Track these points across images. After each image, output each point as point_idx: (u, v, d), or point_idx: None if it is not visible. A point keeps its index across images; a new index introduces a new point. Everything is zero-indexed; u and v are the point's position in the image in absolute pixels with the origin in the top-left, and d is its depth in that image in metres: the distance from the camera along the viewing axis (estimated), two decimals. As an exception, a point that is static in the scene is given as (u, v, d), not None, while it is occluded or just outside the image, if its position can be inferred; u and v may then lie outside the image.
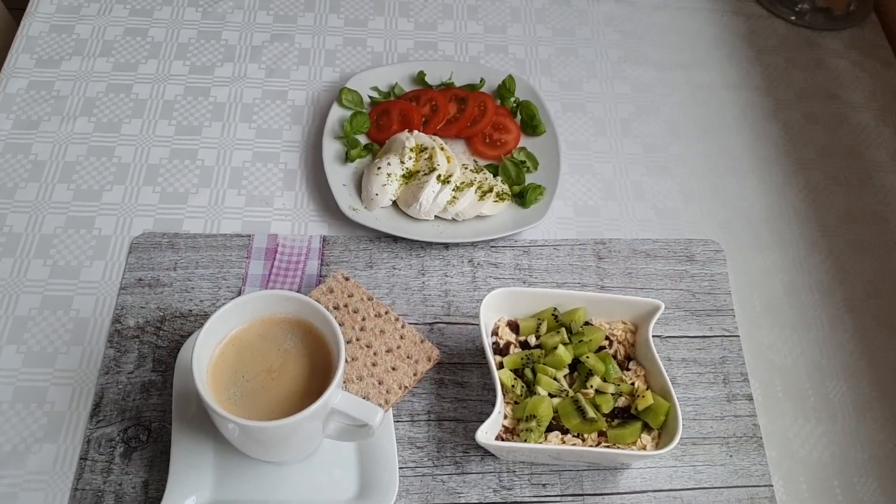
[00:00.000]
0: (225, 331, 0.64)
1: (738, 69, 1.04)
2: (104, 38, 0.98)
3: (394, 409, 0.73)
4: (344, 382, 0.71)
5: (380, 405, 0.71)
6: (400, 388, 0.72)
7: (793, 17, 1.10)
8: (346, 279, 0.78)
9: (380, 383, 0.72)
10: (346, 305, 0.77)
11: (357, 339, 0.75)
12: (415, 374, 0.73)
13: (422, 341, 0.75)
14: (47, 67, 0.95)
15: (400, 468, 0.70)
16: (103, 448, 0.70)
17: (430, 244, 0.84)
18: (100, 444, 0.70)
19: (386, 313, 0.76)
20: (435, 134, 0.90)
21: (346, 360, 0.72)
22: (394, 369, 0.73)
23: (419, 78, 0.95)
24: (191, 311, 0.78)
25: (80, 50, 0.97)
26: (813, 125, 0.99)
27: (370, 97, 0.93)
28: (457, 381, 0.76)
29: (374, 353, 0.74)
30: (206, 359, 0.62)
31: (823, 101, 1.01)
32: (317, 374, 0.63)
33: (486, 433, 0.65)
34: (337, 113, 0.91)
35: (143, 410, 0.72)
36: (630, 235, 0.87)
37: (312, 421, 0.61)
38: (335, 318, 0.68)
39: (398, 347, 0.75)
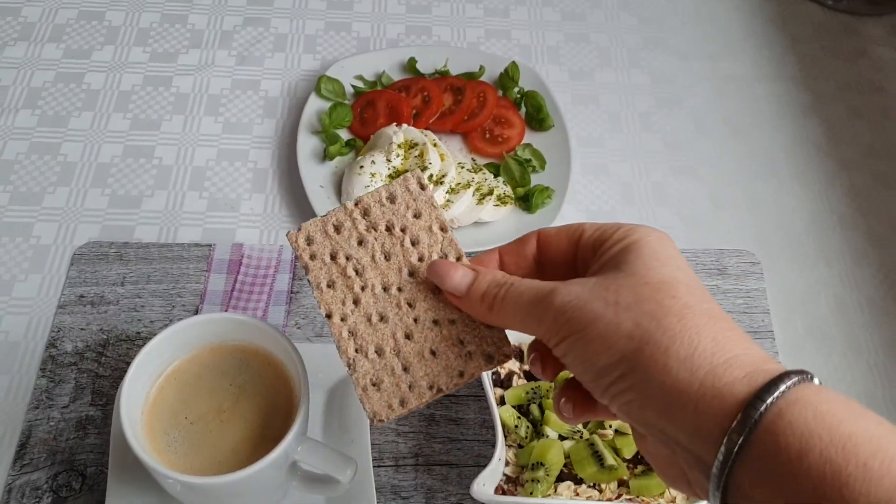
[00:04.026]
0: (164, 362, 0.53)
1: (771, 59, 0.93)
2: (55, 22, 0.87)
3: (374, 450, 0.61)
4: (356, 352, 0.46)
5: (388, 406, 0.45)
6: (431, 388, 0.45)
7: (829, 2, 0.99)
8: (423, 188, 0.48)
9: (405, 370, 0.46)
10: (403, 230, 0.47)
11: (399, 290, 0.47)
12: (461, 375, 0.45)
13: (488, 326, 0.45)
14: (-12, 54, 0.85)
15: (380, 525, 0.58)
16: (27, 498, 0.58)
17: (420, 255, 0.73)
18: (23, 493, 0.58)
19: (458, 259, 0.47)
20: (427, 128, 0.79)
21: (371, 322, 0.46)
22: (433, 354, 0.46)
23: (410, 65, 0.84)
24: (139, 333, 0.66)
25: (26, 34, 0.86)
26: (857, 120, 0.88)
27: (354, 87, 0.82)
28: (450, 418, 0.64)
29: (415, 320, 0.46)
30: (139, 398, 0.51)
31: (867, 94, 0.91)
32: (277, 415, 0.52)
33: (484, 485, 0.55)
34: (315, 105, 0.80)
35: (77, 452, 0.60)
36: (652, 245, 0.76)
37: (270, 473, 0.50)
38: (371, 241, 0.47)
39: (451, 322, 0.46)
